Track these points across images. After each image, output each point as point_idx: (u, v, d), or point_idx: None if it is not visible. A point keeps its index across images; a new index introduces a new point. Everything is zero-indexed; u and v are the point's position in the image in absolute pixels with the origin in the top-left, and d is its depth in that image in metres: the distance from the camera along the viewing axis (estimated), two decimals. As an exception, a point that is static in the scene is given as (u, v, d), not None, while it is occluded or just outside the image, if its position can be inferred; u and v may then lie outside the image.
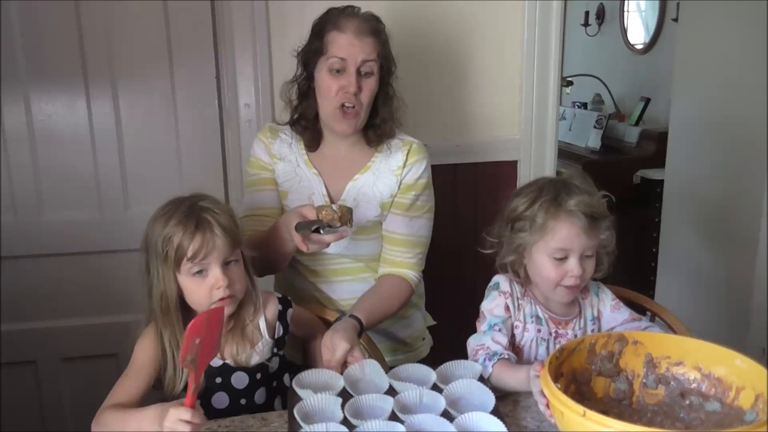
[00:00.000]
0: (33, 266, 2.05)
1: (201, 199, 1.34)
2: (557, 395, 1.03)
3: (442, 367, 1.33)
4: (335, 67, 1.53)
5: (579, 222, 1.34)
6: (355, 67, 1.53)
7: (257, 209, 1.66)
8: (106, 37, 1.96)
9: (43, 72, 1.95)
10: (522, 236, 1.40)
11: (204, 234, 1.29)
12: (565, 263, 1.37)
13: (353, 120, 1.57)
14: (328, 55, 1.54)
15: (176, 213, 1.31)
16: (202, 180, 2.08)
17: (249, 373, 1.38)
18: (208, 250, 1.29)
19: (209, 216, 1.30)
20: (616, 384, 1.24)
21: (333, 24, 1.55)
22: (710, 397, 1.17)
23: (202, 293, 1.31)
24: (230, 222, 1.33)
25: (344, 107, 1.54)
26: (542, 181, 1.45)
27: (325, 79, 1.55)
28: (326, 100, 1.56)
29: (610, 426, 0.95)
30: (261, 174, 1.68)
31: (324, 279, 1.69)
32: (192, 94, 2.05)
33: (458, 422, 1.15)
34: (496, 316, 1.42)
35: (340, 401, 1.20)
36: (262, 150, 1.68)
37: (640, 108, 4.14)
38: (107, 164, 2.04)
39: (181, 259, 1.29)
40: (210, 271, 1.31)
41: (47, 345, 2.09)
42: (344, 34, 1.53)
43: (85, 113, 1.99)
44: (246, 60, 2.02)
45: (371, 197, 1.63)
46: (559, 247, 1.36)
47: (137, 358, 1.35)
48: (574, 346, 1.22)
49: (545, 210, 1.37)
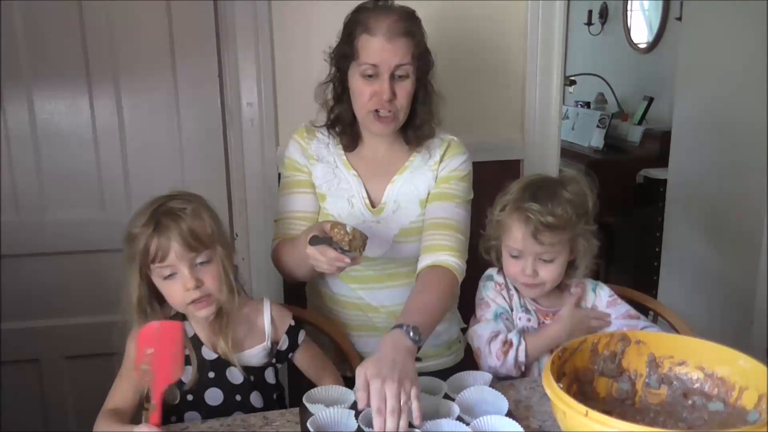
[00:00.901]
0: (36, 265, 2.06)
1: (172, 199, 1.32)
2: (559, 395, 1.03)
3: (453, 378, 1.33)
4: (368, 73, 1.47)
5: (528, 229, 1.40)
6: (388, 73, 1.46)
7: (290, 213, 1.60)
8: (109, 35, 1.96)
9: (45, 71, 1.95)
10: (492, 227, 1.48)
11: (160, 237, 1.27)
12: (520, 261, 1.44)
13: (390, 123, 1.51)
14: (359, 61, 1.47)
15: (143, 214, 1.30)
16: (205, 179, 2.08)
17: (244, 370, 1.37)
18: (165, 253, 1.27)
19: (171, 219, 1.28)
20: (618, 384, 1.24)
21: (363, 26, 1.46)
22: (713, 397, 1.16)
23: (177, 295, 1.30)
24: (196, 223, 1.30)
25: (378, 113, 1.49)
26: (526, 180, 1.50)
27: (358, 83, 1.49)
28: (360, 105, 1.51)
29: (613, 426, 0.95)
30: (295, 176, 1.62)
31: (365, 285, 1.60)
32: (194, 92, 2.05)
33: (474, 426, 1.14)
34: (499, 305, 1.48)
35: (352, 413, 1.19)
36: (297, 151, 1.62)
37: (643, 107, 4.13)
38: (110, 163, 2.04)
39: (146, 261, 1.28)
40: (179, 273, 1.29)
41: (50, 343, 2.09)
42: (375, 37, 1.45)
43: (88, 112, 2.00)
44: (248, 59, 2.02)
45: (411, 197, 1.58)
46: (512, 245, 1.44)
47: (128, 357, 1.35)
48: (577, 346, 1.21)
49: (508, 209, 1.44)
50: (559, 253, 1.43)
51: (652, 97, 4.10)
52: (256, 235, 2.13)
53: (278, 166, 2.10)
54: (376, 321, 1.61)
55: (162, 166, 2.06)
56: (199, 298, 1.30)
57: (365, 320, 1.62)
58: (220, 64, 2.04)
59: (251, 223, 2.12)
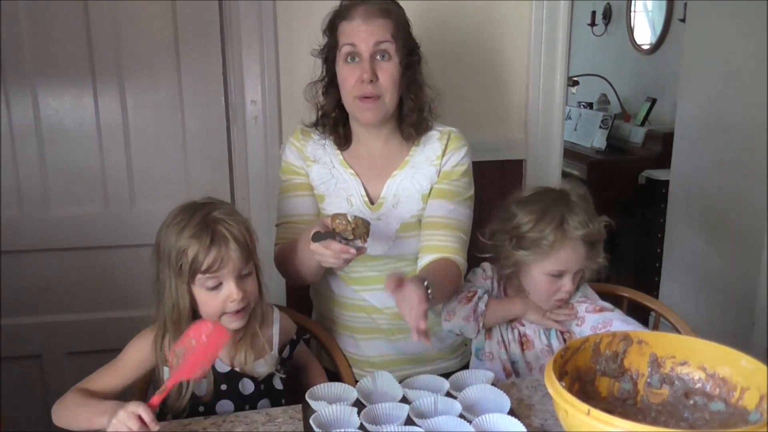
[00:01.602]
0: (39, 261, 2.07)
1: (215, 209, 1.32)
2: (561, 394, 1.03)
3: (455, 376, 1.33)
4: (348, 56, 1.47)
5: (581, 249, 1.44)
6: (368, 53, 1.46)
7: (291, 216, 1.60)
8: (114, 33, 1.96)
9: (50, 67, 1.96)
10: (522, 254, 1.47)
11: (219, 248, 1.26)
12: (560, 280, 1.47)
13: (374, 106, 1.48)
14: (340, 45, 1.49)
15: (190, 224, 1.28)
16: (208, 176, 2.09)
17: (255, 381, 1.37)
18: (223, 264, 1.27)
19: (224, 228, 1.28)
20: (620, 384, 1.24)
21: (341, 15, 1.50)
22: (714, 397, 1.17)
23: (216, 306, 1.30)
24: (245, 234, 1.31)
25: (364, 97, 1.48)
26: (546, 199, 1.50)
27: (342, 70, 1.49)
28: (345, 91, 1.50)
29: (615, 425, 0.95)
30: (293, 179, 1.61)
31: (368, 286, 1.58)
32: (198, 90, 2.05)
33: (476, 423, 1.15)
34: (482, 288, 1.54)
35: (355, 410, 1.20)
36: (293, 154, 1.61)
37: (645, 108, 4.12)
38: (114, 160, 2.04)
39: (196, 272, 1.27)
40: (225, 285, 1.29)
41: (52, 339, 2.10)
42: (353, 21, 1.47)
43: (92, 109, 2.00)
44: (253, 57, 2.02)
45: (412, 191, 1.56)
46: (558, 268, 1.46)
47: (127, 357, 1.34)
48: (579, 345, 1.22)
49: (552, 235, 1.44)
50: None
51: (655, 98, 4.09)
52: (260, 233, 2.09)
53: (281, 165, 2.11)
54: (381, 323, 1.60)
55: (165, 163, 2.07)
56: (240, 310, 1.30)
57: (369, 322, 1.61)
58: (224, 62, 2.05)
59: (254, 221, 2.06)
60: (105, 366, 1.35)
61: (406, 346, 1.59)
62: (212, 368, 1.34)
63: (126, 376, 1.33)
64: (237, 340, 1.35)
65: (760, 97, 2.41)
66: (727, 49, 2.63)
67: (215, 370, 1.34)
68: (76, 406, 1.26)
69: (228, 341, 1.25)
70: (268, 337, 1.40)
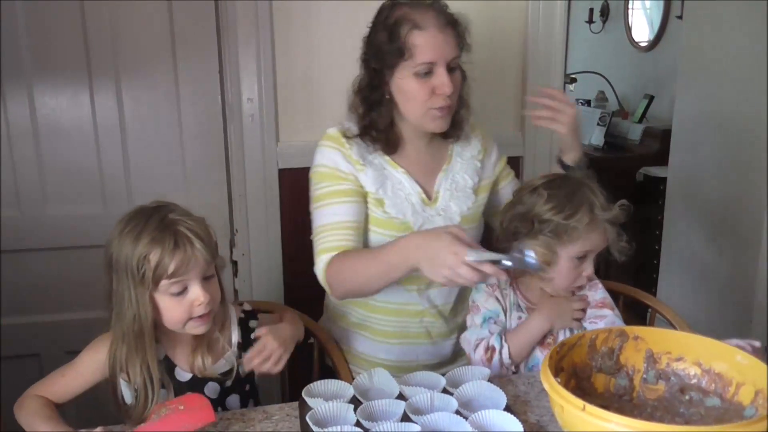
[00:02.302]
0: (37, 260, 2.07)
1: (169, 211, 1.26)
2: (557, 389, 1.04)
3: (451, 373, 1.33)
4: (424, 71, 1.40)
5: (608, 231, 1.42)
6: (444, 67, 1.40)
7: (339, 223, 1.47)
8: (111, 31, 1.96)
9: (47, 66, 1.96)
10: (544, 238, 1.42)
11: (185, 249, 1.21)
12: (582, 264, 1.44)
13: (449, 116, 1.47)
14: (415, 61, 1.39)
15: (146, 229, 1.21)
16: (205, 174, 2.09)
17: (219, 381, 1.35)
18: (190, 267, 1.22)
19: (185, 229, 1.22)
20: (616, 380, 1.24)
21: (410, 22, 1.39)
22: (710, 392, 1.17)
23: (182, 312, 1.25)
24: (206, 232, 1.26)
25: (439, 110, 1.44)
26: (566, 186, 1.46)
27: (411, 83, 1.42)
28: (415, 104, 1.44)
29: (610, 420, 0.95)
30: (340, 185, 1.49)
31: (414, 284, 1.54)
32: (195, 88, 2.05)
33: (473, 420, 1.15)
34: (489, 310, 1.47)
35: (351, 407, 1.19)
36: (339, 157, 1.50)
37: (643, 105, 4.13)
38: (111, 158, 2.04)
39: (160, 278, 1.21)
40: (190, 289, 1.24)
41: (50, 338, 2.10)
42: (426, 31, 1.38)
43: (89, 108, 2.00)
44: (249, 55, 2.02)
45: (462, 185, 1.56)
46: (584, 250, 1.43)
47: (81, 366, 1.32)
48: (575, 341, 1.22)
49: (586, 217, 1.40)
50: None
51: (653, 96, 4.10)
52: (257, 231, 2.13)
53: (278, 163, 2.11)
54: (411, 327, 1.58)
55: (162, 161, 2.07)
56: (205, 314, 1.27)
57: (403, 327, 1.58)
58: (220, 60, 2.05)
59: (251, 219, 2.13)
60: (60, 369, 1.32)
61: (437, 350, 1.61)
62: (173, 378, 1.32)
63: (81, 386, 1.31)
64: (194, 348, 1.32)
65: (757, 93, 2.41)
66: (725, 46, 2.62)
67: (177, 380, 1.33)
68: (37, 418, 1.24)
69: (209, 424, 1.18)
70: (228, 338, 1.37)
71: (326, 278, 1.46)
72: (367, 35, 1.49)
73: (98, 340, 1.33)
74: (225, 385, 1.37)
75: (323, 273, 1.46)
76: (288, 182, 2.13)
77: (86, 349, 1.33)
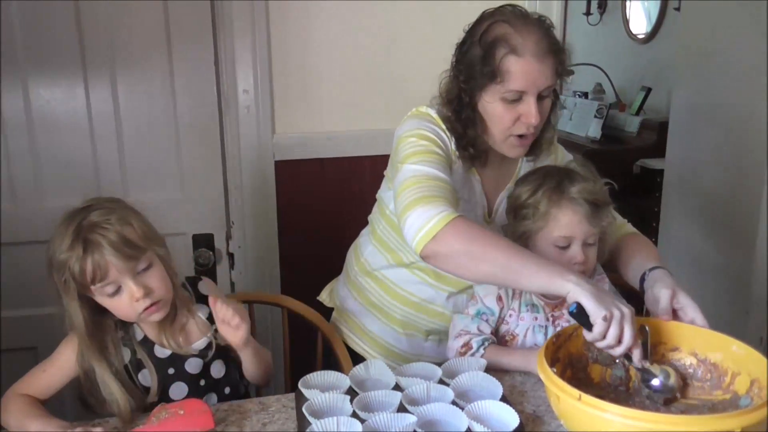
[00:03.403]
0: (33, 253, 2.04)
1: (90, 212, 1.24)
2: (553, 379, 1.04)
3: (447, 364, 1.33)
4: (512, 98, 1.34)
5: (581, 209, 1.35)
6: (534, 96, 1.34)
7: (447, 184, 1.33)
8: (105, 22, 1.95)
9: (41, 58, 1.94)
10: (525, 224, 1.40)
11: (93, 255, 1.19)
12: (568, 251, 1.37)
13: (528, 143, 1.43)
14: (505, 86, 1.33)
15: (66, 234, 1.21)
16: (201, 166, 2.09)
17: (199, 356, 1.36)
18: (105, 271, 1.20)
19: (97, 235, 1.20)
20: (612, 370, 1.24)
21: (507, 45, 1.32)
22: (706, 382, 1.17)
23: (126, 309, 1.26)
24: (126, 230, 1.23)
25: (521, 137, 1.39)
26: (545, 169, 1.46)
27: (498, 107, 1.36)
28: (498, 129, 1.39)
29: (606, 410, 0.96)
30: (441, 152, 1.39)
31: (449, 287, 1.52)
32: (190, 80, 2.04)
33: (469, 410, 1.15)
34: (486, 306, 1.44)
35: (348, 398, 1.19)
36: (445, 137, 1.43)
37: (641, 97, 4.12)
38: (106, 150, 2.03)
39: (85, 284, 1.21)
40: (123, 287, 1.24)
41: (47, 331, 2.08)
42: (523, 59, 1.31)
43: (84, 99, 1.99)
44: (245, 46, 2.02)
45: None
46: (561, 234, 1.36)
47: (60, 358, 1.33)
48: (571, 332, 1.22)
49: (548, 197, 1.37)
50: (598, 234, 1.40)
51: (650, 88, 4.09)
52: (253, 223, 2.13)
53: (274, 154, 2.11)
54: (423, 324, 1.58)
55: (158, 153, 2.06)
56: (150, 305, 1.26)
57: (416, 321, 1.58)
58: (216, 52, 2.04)
59: (247, 211, 2.12)
60: (39, 365, 1.34)
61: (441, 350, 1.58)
62: (152, 356, 1.33)
63: (62, 379, 1.33)
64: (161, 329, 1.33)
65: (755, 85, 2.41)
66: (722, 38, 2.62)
67: (156, 357, 1.33)
68: (26, 417, 1.24)
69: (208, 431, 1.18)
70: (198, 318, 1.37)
71: (437, 234, 1.22)
72: (461, 43, 1.43)
73: (69, 340, 1.34)
74: (206, 359, 1.37)
75: (440, 224, 1.22)
76: (284, 174, 2.13)
77: (63, 343, 1.34)
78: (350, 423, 1.11)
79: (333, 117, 2.15)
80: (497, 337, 1.44)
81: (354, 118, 2.15)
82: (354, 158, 2.15)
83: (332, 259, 1.79)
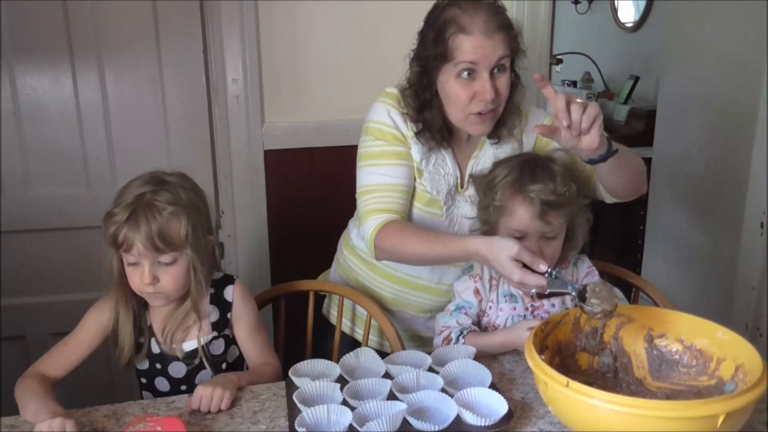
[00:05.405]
0: (21, 242, 2.05)
1: (162, 190, 1.28)
2: (541, 366, 1.05)
3: (437, 351, 1.34)
4: (465, 73, 1.37)
5: (533, 209, 1.37)
6: (488, 71, 1.36)
7: (389, 185, 1.46)
8: (92, 10, 1.94)
9: (27, 46, 1.93)
10: (489, 212, 1.43)
11: (129, 230, 1.25)
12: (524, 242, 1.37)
13: (491, 121, 1.43)
14: (456, 62, 1.36)
15: (130, 194, 1.27)
16: (190, 156, 2.08)
17: (185, 362, 1.37)
18: (130, 245, 1.25)
19: (145, 215, 1.25)
20: (600, 357, 1.26)
21: (456, 25, 1.35)
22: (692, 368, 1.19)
23: (135, 281, 1.30)
24: (171, 224, 1.27)
25: (480, 114, 1.40)
26: (521, 158, 1.47)
27: (454, 86, 1.39)
28: (457, 108, 1.42)
29: (593, 396, 0.97)
30: (395, 147, 1.47)
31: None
32: (179, 69, 2.03)
33: (458, 397, 1.16)
34: (464, 300, 1.47)
35: (338, 386, 1.20)
36: (399, 119, 1.47)
37: (629, 86, 4.13)
38: (94, 140, 2.03)
39: (117, 244, 1.27)
40: (141, 265, 1.28)
41: (36, 320, 2.09)
42: (471, 36, 1.34)
43: (71, 88, 1.98)
44: (233, 35, 2.01)
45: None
46: (515, 228, 1.39)
47: (84, 328, 1.36)
48: (559, 319, 1.23)
49: (507, 190, 1.39)
50: (561, 230, 1.41)
51: (638, 76, 4.10)
52: (243, 212, 2.13)
53: (263, 144, 2.10)
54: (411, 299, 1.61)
55: (147, 143, 2.05)
56: (153, 293, 1.30)
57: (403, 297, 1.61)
58: (204, 41, 2.03)
59: (237, 200, 2.12)
60: (59, 345, 1.35)
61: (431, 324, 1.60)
62: (148, 346, 1.37)
63: (86, 350, 1.34)
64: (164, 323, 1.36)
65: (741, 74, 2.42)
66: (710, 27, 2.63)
67: (150, 349, 1.37)
68: (30, 394, 1.25)
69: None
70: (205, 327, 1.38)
71: (374, 240, 1.44)
72: (420, 30, 1.46)
73: (99, 302, 1.37)
74: (190, 366, 1.38)
75: (372, 235, 1.44)
76: (274, 163, 2.13)
77: (88, 314, 1.37)
78: (340, 411, 1.12)
79: (322, 106, 2.14)
80: (480, 329, 1.46)
81: (343, 108, 2.14)
82: (343, 147, 2.15)
83: (322, 248, 1.80)
